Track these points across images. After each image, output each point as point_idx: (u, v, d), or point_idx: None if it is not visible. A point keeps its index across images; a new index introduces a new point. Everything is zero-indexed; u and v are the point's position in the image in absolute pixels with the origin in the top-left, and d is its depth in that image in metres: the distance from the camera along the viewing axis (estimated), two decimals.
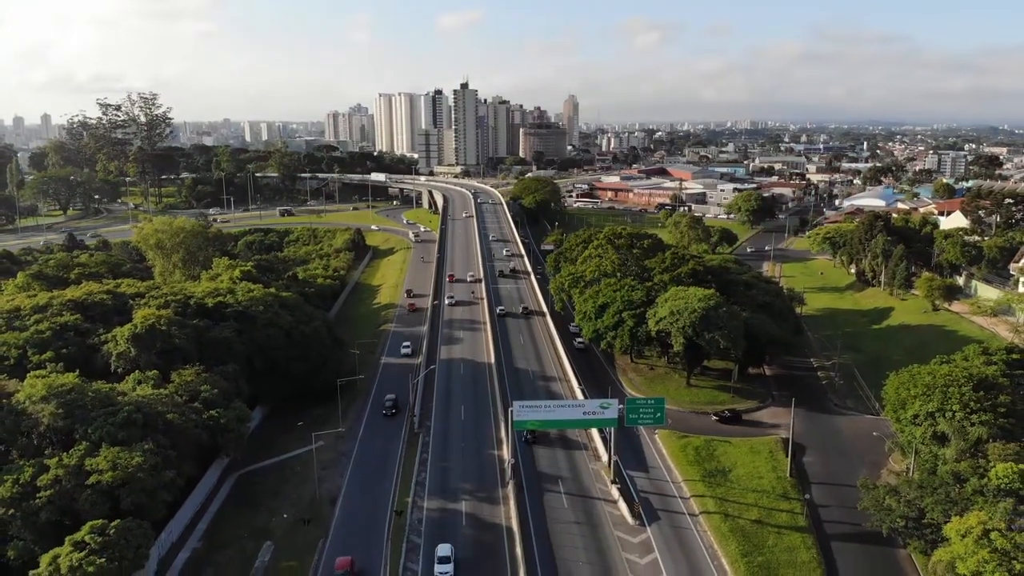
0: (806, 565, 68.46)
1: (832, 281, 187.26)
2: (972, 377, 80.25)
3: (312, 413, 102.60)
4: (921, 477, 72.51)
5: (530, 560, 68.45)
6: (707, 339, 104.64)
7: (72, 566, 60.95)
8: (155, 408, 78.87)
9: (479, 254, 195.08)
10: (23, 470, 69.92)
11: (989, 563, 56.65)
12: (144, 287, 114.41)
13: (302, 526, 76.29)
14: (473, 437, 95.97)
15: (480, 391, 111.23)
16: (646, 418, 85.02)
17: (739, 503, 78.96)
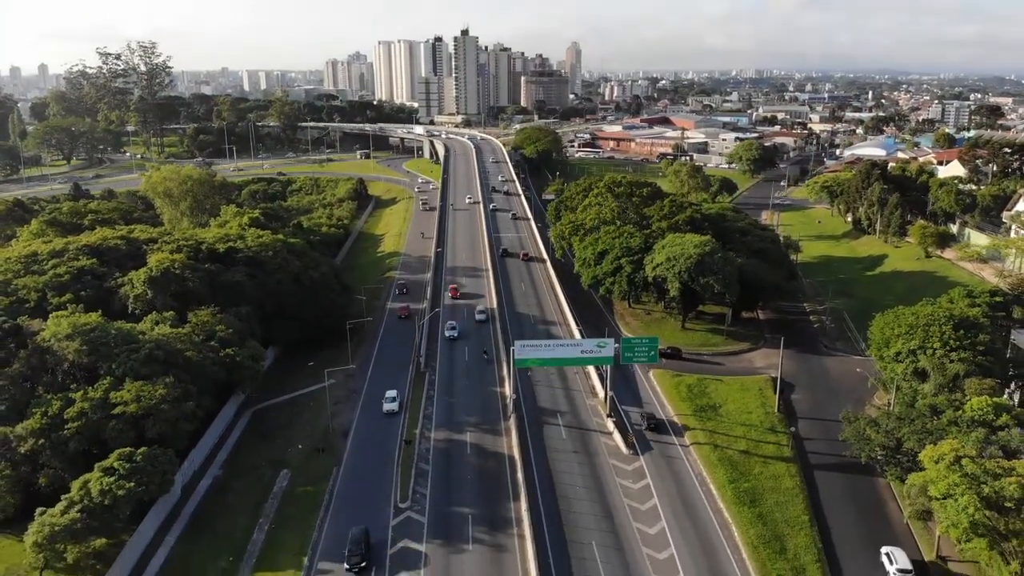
0: (789, 491, 73.03)
1: (829, 229, 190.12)
2: (953, 317, 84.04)
3: (321, 354, 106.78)
4: (900, 410, 76.62)
5: (530, 483, 73.26)
6: (702, 284, 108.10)
7: (102, 490, 65.34)
8: (174, 346, 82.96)
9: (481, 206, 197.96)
10: (51, 403, 74.18)
11: (959, 486, 60.52)
12: (156, 233, 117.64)
13: (316, 456, 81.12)
14: (477, 375, 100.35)
15: (483, 333, 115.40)
16: (640, 356, 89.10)
17: (728, 435, 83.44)
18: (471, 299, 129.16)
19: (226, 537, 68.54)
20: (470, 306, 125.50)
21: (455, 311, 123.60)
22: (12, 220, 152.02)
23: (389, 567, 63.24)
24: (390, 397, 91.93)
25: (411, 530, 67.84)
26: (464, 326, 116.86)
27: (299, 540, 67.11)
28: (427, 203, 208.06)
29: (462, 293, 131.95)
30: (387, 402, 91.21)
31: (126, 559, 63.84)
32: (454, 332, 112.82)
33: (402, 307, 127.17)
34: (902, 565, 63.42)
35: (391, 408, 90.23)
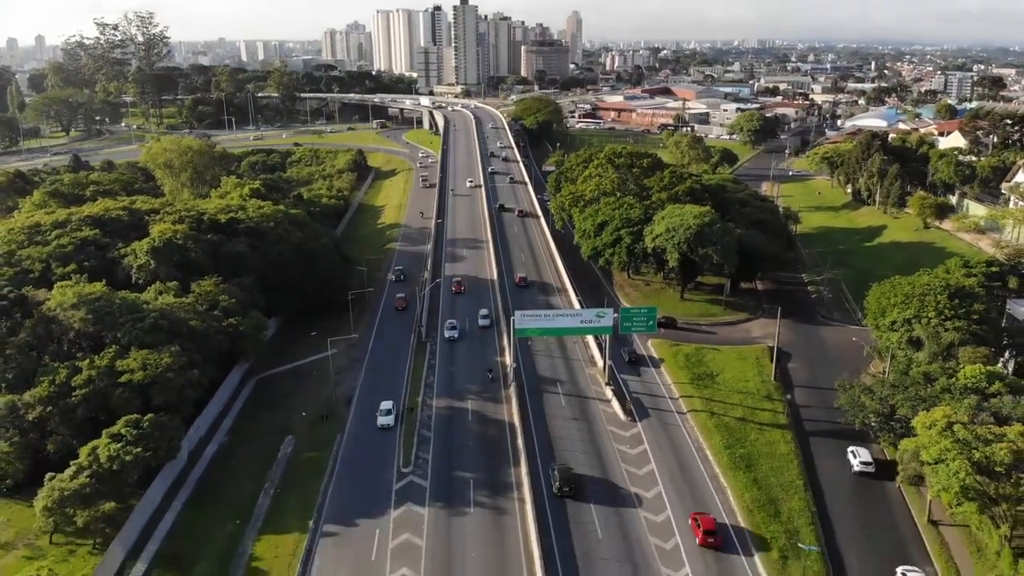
0: (784, 456, 74.44)
1: (829, 200, 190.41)
2: (949, 287, 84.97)
3: (323, 324, 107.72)
4: (895, 378, 77.76)
5: (530, 449, 74.75)
6: (701, 255, 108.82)
7: (110, 456, 66.62)
8: (178, 315, 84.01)
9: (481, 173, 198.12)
10: (58, 372, 75.37)
11: (950, 451, 61.70)
12: (158, 204, 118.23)
13: (320, 422, 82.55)
14: (478, 345, 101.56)
15: (484, 303, 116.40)
16: (639, 326, 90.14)
17: (725, 403, 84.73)
18: (473, 291, 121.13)
19: (232, 502, 70.06)
20: (474, 303, 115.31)
21: (455, 306, 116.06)
22: (13, 191, 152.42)
23: (393, 529, 64.76)
24: (384, 410, 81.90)
25: (414, 494, 69.38)
26: (465, 326, 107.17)
27: (304, 504, 68.61)
28: (427, 179, 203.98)
29: (464, 287, 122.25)
30: (381, 415, 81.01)
31: (135, 523, 65.32)
32: (454, 333, 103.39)
33: (400, 298, 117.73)
34: (864, 459, 72.16)
35: (385, 423, 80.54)
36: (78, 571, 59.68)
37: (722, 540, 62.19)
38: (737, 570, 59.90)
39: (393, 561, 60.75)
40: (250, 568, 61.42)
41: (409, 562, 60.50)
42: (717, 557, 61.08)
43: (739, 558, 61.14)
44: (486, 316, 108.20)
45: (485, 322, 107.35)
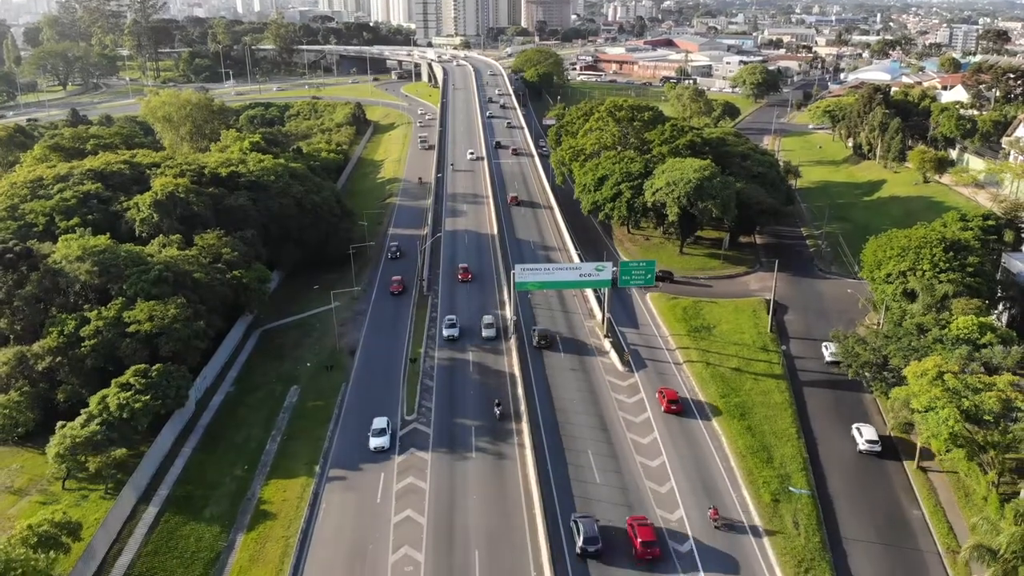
0: (778, 405, 76.14)
1: (830, 155, 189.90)
2: (945, 240, 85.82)
3: (326, 278, 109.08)
4: (888, 329, 79.10)
5: (530, 397, 76.49)
6: (700, 208, 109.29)
7: (120, 404, 68.43)
8: (182, 267, 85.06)
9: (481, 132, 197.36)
10: (66, 323, 76.72)
11: (940, 399, 63.26)
12: (159, 157, 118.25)
13: (325, 373, 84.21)
14: (479, 298, 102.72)
15: (484, 259, 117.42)
16: (638, 279, 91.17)
17: (721, 354, 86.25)
18: (477, 287, 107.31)
19: (240, 448, 72.03)
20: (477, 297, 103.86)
21: (455, 298, 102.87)
22: (14, 146, 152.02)
23: (397, 473, 66.84)
24: (377, 429, 70.90)
25: (417, 440, 71.35)
26: (466, 322, 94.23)
27: (311, 450, 70.61)
28: (425, 141, 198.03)
29: (472, 275, 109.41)
30: (374, 436, 70.04)
31: (145, 468, 67.25)
32: (454, 331, 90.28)
33: (396, 282, 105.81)
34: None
35: (379, 444, 69.48)
36: (91, 515, 61.52)
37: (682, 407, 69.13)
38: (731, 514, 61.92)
39: (398, 503, 62.94)
40: (259, 511, 63.54)
41: (413, 504, 62.66)
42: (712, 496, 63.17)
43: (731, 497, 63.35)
44: (491, 325, 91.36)
45: (490, 332, 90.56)
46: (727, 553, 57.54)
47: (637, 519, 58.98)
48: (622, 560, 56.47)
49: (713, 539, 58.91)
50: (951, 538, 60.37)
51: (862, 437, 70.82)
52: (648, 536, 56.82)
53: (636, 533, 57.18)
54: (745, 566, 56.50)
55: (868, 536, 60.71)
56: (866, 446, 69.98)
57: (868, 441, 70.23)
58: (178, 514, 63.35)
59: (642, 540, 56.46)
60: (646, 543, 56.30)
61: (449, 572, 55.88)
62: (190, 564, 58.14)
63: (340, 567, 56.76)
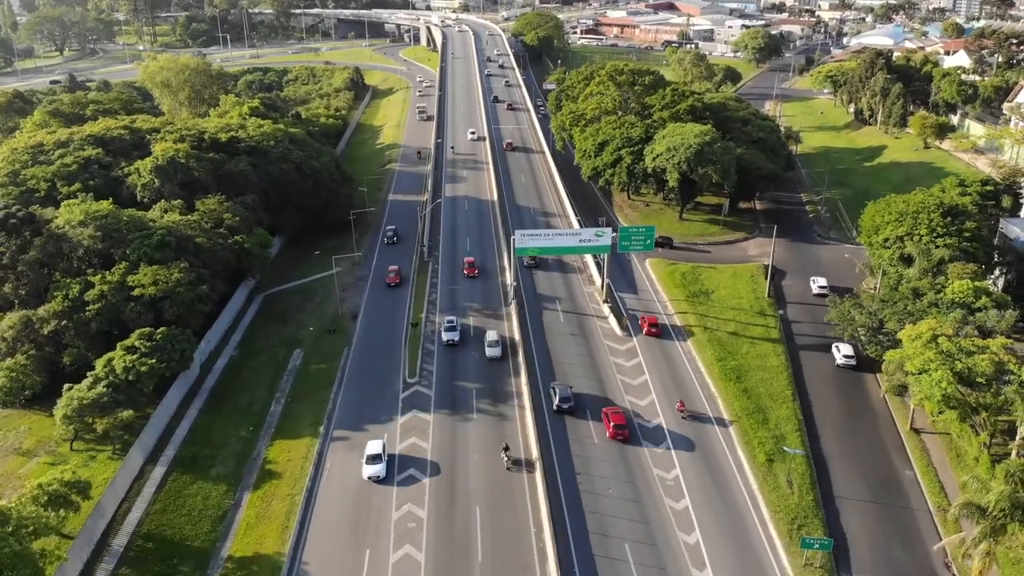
0: (774, 368, 77.22)
1: (831, 120, 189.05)
2: (943, 205, 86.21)
3: (327, 243, 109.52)
4: (885, 293, 79.88)
5: (530, 361, 77.57)
6: (701, 174, 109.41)
7: (126, 367, 69.52)
8: (184, 233, 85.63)
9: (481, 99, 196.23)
10: (70, 287, 77.45)
11: (934, 362, 64.14)
12: (159, 123, 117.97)
13: (327, 336, 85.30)
14: (479, 265, 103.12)
15: (484, 224, 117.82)
16: (637, 244, 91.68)
17: (718, 319, 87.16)
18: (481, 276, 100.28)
19: (245, 410, 73.27)
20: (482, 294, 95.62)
21: (455, 300, 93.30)
22: (13, 112, 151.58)
23: (400, 433, 68.18)
24: (372, 455, 63.63)
25: (419, 402, 72.59)
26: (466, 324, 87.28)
27: (314, 412, 71.86)
28: (424, 111, 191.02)
29: (478, 270, 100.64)
30: (368, 463, 62.95)
31: (152, 429, 68.49)
32: (454, 335, 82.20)
33: (392, 272, 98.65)
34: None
35: (374, 473, 62.41)
36: (99, 475, 62.72)
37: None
38: (727, 473, 63.26)
39: (400, 462, 64.24)
40: (264, 470, 64.92)
41: (416, 463, 64.04)
42: (708, 457, 64.50)
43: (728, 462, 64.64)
44: (496, 344, 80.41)
45: (495, 351, 79.63)
46: (719, 497, 59.03)
47: (611, 408, 69.28)
48: None
49: (705, 489, 60.33)
50: (942, 497, 61.73)
51: (840, 353, 79.40)
52: (620, 420, 67.29)
53: (609, 418, 67.61)
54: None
55: (861, 495, 62.09)
56: (843, 360, 78.97)
57: (845, 356, 79.13)
58: (185, 474, 64.73)
59: (614, 424, 66.82)
60: (618, 426, 66.67)
61: (451, 528, 57.38)
62: (198, 521, 59.59)
63: (345, 523, 58.19)
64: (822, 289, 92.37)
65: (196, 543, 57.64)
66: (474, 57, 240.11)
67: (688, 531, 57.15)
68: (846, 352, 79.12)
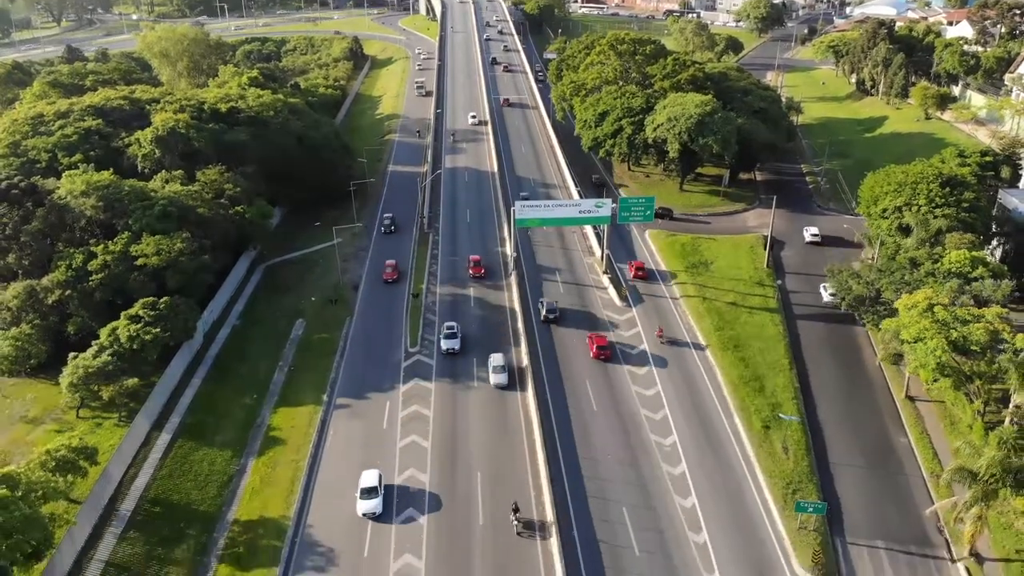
0: (772, 338, 78.02)
1: (832, 91, 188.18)
2: (941, 175, 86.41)
3: (327, 214, 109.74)
4: (882, 263, 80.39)
5: (529, 331, 78.58)
6: (701, 145, 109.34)
7: (130, 336, 70.19)
8: (186, 203, 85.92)
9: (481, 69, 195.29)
10: (73, 257, 78.05)
11: (929, 331, 64.77)
12: (158, 93, 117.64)
13: (329, 307, 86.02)
14: (479, 236, 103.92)
15: (484, 196, 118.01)
16: (637, 215, 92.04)
17: (717, 289, 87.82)
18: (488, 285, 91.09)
19: (248, 378, 74.18)
20: (485, 299, 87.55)
21: (455, 307, 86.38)
22: (12, 83, 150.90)
23: (402, 401, 69.30)
24: (367, 488, 57.57)
25: (421, 370, 73.55)
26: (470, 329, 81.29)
27: (318, 380, 72.81)
28: (422, 86, 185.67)
29: (484, 270, 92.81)
30: (363, 497, 57.04)
31: (157, 397, 69.38)
32: (454, 343, 75.72)
33: (389, 267, 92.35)
34: (813, 232, 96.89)
35: (369, 509, 56.82)
36: (106, 442, 63.67)
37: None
38: (723, 440, 64.31)
39: (403, 428, 65.48)
40: (268, 437, 66.00)
41: (418, 430, 65.19)
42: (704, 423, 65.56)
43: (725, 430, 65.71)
44: (502, 368, 71.71)
45: (500, 378, 70.81)
46: (715, 462, 60.08)
47: (596, 334, 77.29)
48: None
49: (702, 454, 61.38)
50: (936, 463, 62.85)
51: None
52: (602, 342, 75.68)
53: (592, 341, 75.79)
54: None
55: (855, 461, 63.27)
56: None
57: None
58: (190, 440, 65.76)
59: (597, 345, 75.04)
60: (600, 346, 74.94)
61: (453, 491, 58.62)
62: (204, 486, 60.74)
63: (349, 488, 59.22)
64: (814, 237, 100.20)
65: (202, 507, 58.83)
66: (474, 28, 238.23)
67: (685, 495, 58.31)
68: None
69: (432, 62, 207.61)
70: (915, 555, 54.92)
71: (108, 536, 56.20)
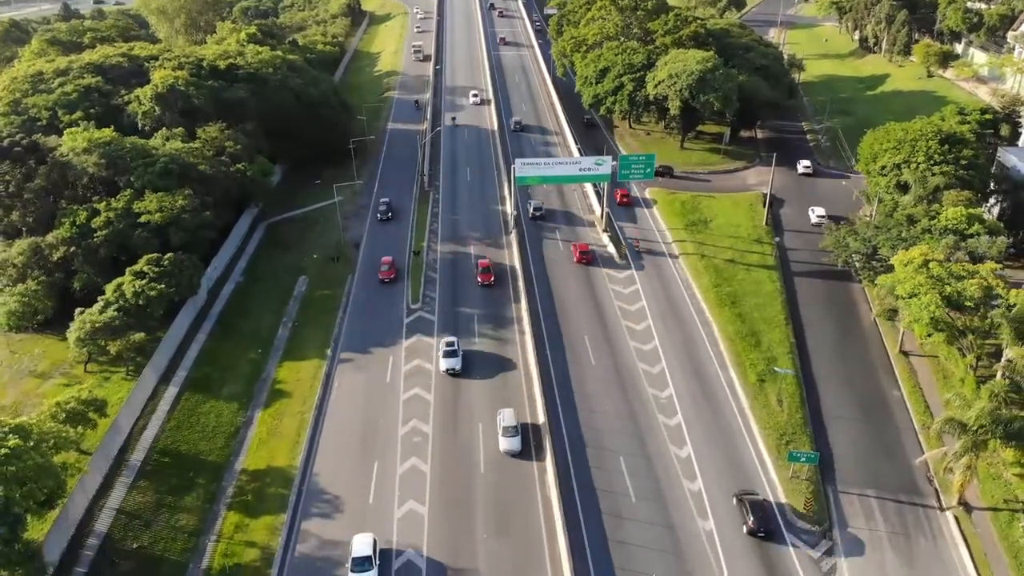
0: (769, 294, 78.92)
1: (835, 48, 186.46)
2: (941, 133, 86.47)
3: (327, 172, 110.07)
4: (879, 220, 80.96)
5: (530, 287, 79.50)
6: (702, 101, 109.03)
7: (136, 291, 71.12)
8: (187, 160, 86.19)
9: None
10: (77, 214, 78.64)
11: (924, 286, 65.57)
12: (157, 50, 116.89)
13: (331, 264, 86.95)
14: (479, 194, 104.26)
15: (484, 154, 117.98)
16: (637, 173, 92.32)
17: (716, 246, 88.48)
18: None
19: (253, 333, 75.37)
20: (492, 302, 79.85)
21: (456, 266, 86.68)
22: (10, 41, 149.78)
23: (405, 356, 70.59)
24: (359, 558, 50.31)
25: (423, 326, 74.76)
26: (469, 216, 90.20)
27: (321, 335, 74.06)
28: (420, 51, 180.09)
29: (494, 278, 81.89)
30: (353, 571, 49.95)
31: (163, 352, 70.56)
32: (455, 363, 67.13)
33: (385, 265, 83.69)
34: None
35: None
36: (114, 395, 64.96)
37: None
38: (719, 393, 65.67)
39: (406, 382, 66.91)
40: (274, 390, 67.43)
41: (420, 384, 66.58)
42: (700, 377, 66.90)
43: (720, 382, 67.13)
44: (514, 431, 59.21)
45: (512, 444, 58.68)
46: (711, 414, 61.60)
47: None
48: None
49: (697, 406, 63.06)
50: (927, 416, 64.09)
51: (814, 214, 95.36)
52: (584, 248, 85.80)
53: (575, 249, 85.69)
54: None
55: (848, 413, 64.58)
56: (816, 219, 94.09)
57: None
58: (197, 393, 67.13)
59: (580, 250, 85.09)
60: (583, 252, 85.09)
61: (455, 441, 60.17)
62: (212, 437, 62.22)
63: (353, 438, 60.82)
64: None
65: (211, 457, 60.36)
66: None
67: (680, 445, 59.78)
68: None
69: (429, 22, 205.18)
70: (904, 503, 56.39)
71: (119, 485, 57.76)
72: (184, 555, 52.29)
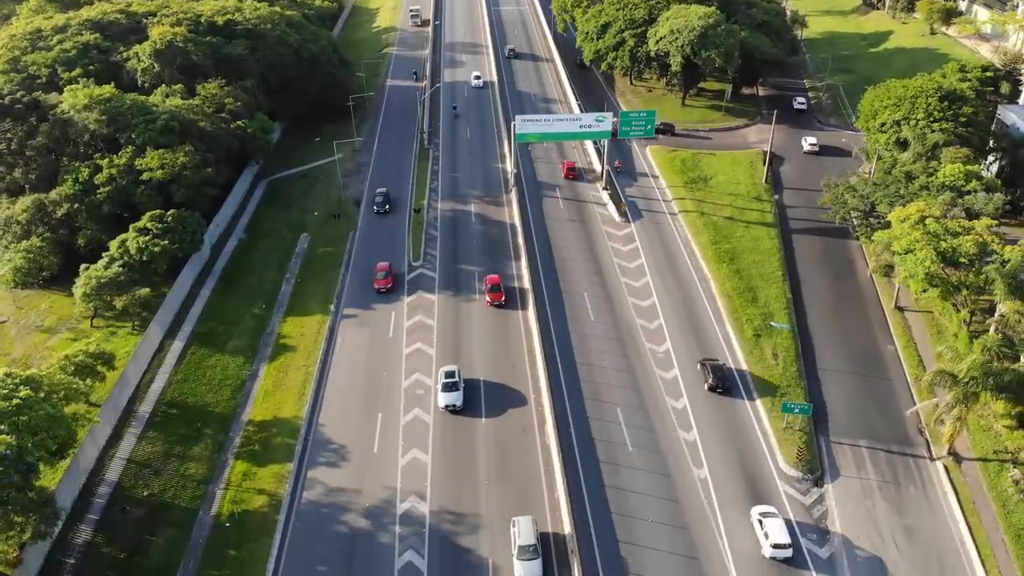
0: (767, 251, 79.63)
1: (838, 4, 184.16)
2: (941, 90, 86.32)
3: (327, 129, 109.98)
4: (878, 177, 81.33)
5: (530, 245, 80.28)
6: (704, 58, 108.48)
7: (140, 247, 72.02)
8: (187, 117, 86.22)
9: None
10: (79, 171, 79.01)
11: (919, 242, 66.21)
12: (155, 6, 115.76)
13: (332, 221, 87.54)
14: (479, 152, 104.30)
15: (484, 112, 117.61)
16: (637, 130, 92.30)
17: (715, 204, 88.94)
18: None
19: (256, 289, 76.33)
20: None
21: (456, 223, 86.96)
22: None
23: (407, 312, 71.63)
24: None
25: (424, 283, 75.70)
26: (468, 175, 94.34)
27: (324, 291, 75.04)
28: (417, 15, 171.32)
29: (504, 297, 73.25)
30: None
31: (169, 306, 71.66)
32: (455, 397, 59.85)
33: (381, 272, 75.38)
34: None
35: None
36: (121, 348, 66.21)
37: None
38: (715, 347, 66.79)
39: (408, 336, 68.11)
40: (279, 344, 68.57)
41: (422, 338, 67.83)
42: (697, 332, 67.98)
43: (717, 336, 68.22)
44: (533, 551, 48.19)
45: (533, 568, 47.87)
46: None
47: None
48: None
49: (694, 361, 64.14)
50: (920, 369, 65.18)
51: (806, 142, 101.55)
52: (571, 165, 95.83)
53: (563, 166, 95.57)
54: None
55: (843, 367, 65.75)
56: (808, 147, 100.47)
57: (810, 144, 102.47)
58: (203, 347, 68.33)
59: (567, 167, 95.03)
60: (570, 168, 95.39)
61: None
62: (218, 390, 63.53)
63: (358, 391, 62.14)
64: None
65: (218, 409, 61.72)
66: None
67: (676, 398, 61.13)
68: (811, 141, 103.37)
69: None
70: (895, 453, 57.80)
71: (128, 436, 59.24)
72: (194, 502, 53.86)
